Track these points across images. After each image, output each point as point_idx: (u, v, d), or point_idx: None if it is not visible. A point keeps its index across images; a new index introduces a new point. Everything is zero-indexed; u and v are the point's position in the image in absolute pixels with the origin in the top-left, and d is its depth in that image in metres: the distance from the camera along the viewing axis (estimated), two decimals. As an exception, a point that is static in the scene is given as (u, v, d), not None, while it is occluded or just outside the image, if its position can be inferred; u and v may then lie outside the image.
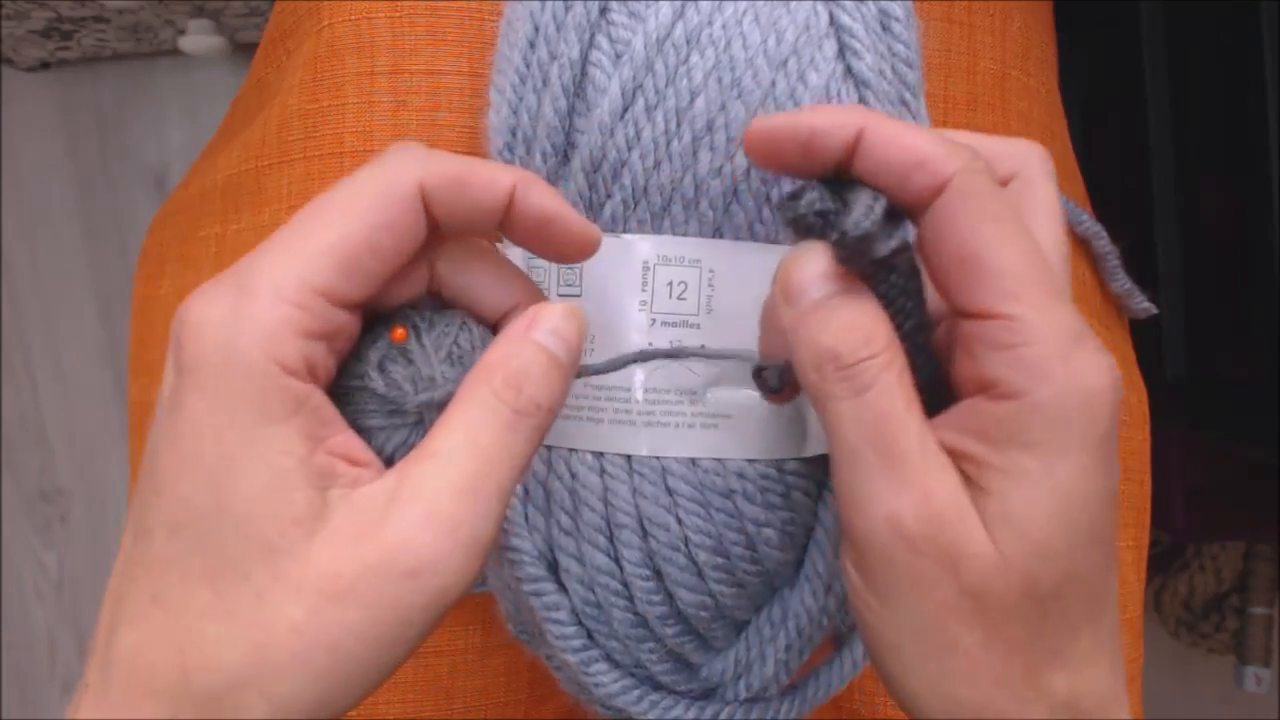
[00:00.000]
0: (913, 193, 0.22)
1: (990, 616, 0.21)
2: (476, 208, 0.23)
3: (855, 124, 0.22)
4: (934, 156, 0.21)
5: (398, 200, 0.22)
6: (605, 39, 0.29)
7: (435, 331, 0.24)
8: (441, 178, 0.22)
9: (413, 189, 0.22)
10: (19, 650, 1.09)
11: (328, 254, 0.21)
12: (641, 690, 0.31)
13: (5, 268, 1.05)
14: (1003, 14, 0.39)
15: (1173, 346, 0.62)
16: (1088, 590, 0.22)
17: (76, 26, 0.90)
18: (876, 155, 0.22)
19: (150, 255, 0.46)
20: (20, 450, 1.07)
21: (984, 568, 0.21)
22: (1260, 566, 0.95)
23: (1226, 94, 0.59)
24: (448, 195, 0.23)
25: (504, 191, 0.23)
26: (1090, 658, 0.22)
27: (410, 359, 0.24)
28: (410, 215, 0.22)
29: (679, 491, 0.29)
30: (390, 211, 0.22)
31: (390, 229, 0.22)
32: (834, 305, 0.22)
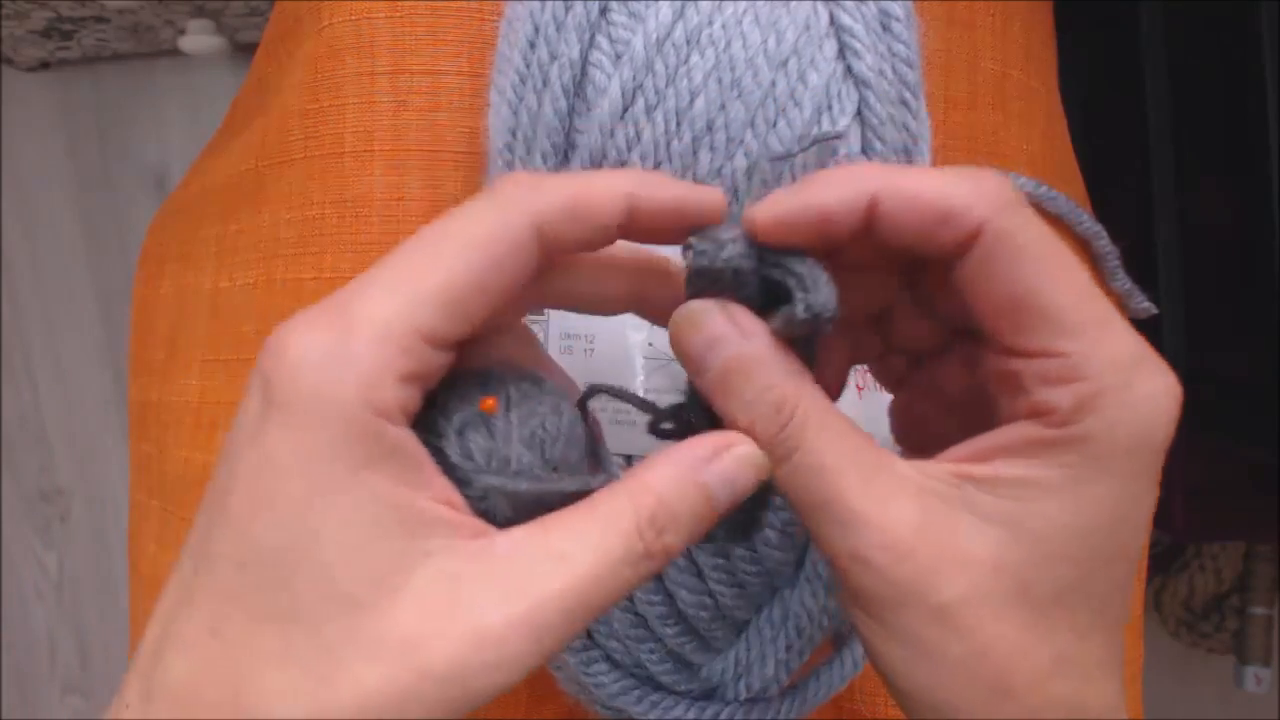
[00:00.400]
0: (945, 248, 0.21)
1: (978, 625, 0.21)
2: (593, 230, 0.22)
3: (866, 193, 0.21)
4: (959, 208, 0.21)
5: (511, 240, 0.21)
6: (605, 39, 0.29)
7: (523, 409, 0.22)
8: (557, 211, 0.21)
9: (527, 229, 0.21)
10: (19, 650, 1.09)
11: (436, 296, 0.20)
12: (641, 690, 0.31)
13: (5, 268, 1.05)
14: (1003, 14, 0.39)
15: (1173, 346, 0.62)
16: (1098, 604, 0.21)
17: (76, 26, 0.90)
18: (896, 219, 0.21)
19: (150, 255, 0.46)
20: (20, 450, 1.07)
21: (964, 580, 0.21)
22: (1260, 566, 0.95)
23: (1226, 94, 0.59)
24: (566, 226, 0.21)
25: (621, 204, 0.22)
26: (1098, 666, 0.22)
27: (492, 433, 0.22)
28: (522, 254, 0.21)
29: (679, 491, 0.29)
30: (501, 252, 0.21)
31: (500, 269, 0.21)
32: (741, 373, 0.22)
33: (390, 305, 0.20)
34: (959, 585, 0.21)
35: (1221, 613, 0.98)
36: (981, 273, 0.21)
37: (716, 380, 0.22)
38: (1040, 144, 0.41)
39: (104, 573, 1.09)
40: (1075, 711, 0.21)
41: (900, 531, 0.21)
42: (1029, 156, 0.40)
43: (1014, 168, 0.40)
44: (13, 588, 1.08)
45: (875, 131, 0.29)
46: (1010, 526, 0.21)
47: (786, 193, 0.22)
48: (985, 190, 0.21)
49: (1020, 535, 0.21)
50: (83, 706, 1.09)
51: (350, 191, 0.36)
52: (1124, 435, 0.20)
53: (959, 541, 0.21)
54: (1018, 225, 0.21)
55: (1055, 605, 0.21)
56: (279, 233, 0.38)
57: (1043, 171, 0.41)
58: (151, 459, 0.43)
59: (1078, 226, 0.41)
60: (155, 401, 0.43)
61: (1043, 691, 0.21)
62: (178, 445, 0.41)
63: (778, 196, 0.22)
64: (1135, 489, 0.21)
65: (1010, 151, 0.40)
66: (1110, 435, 0.20)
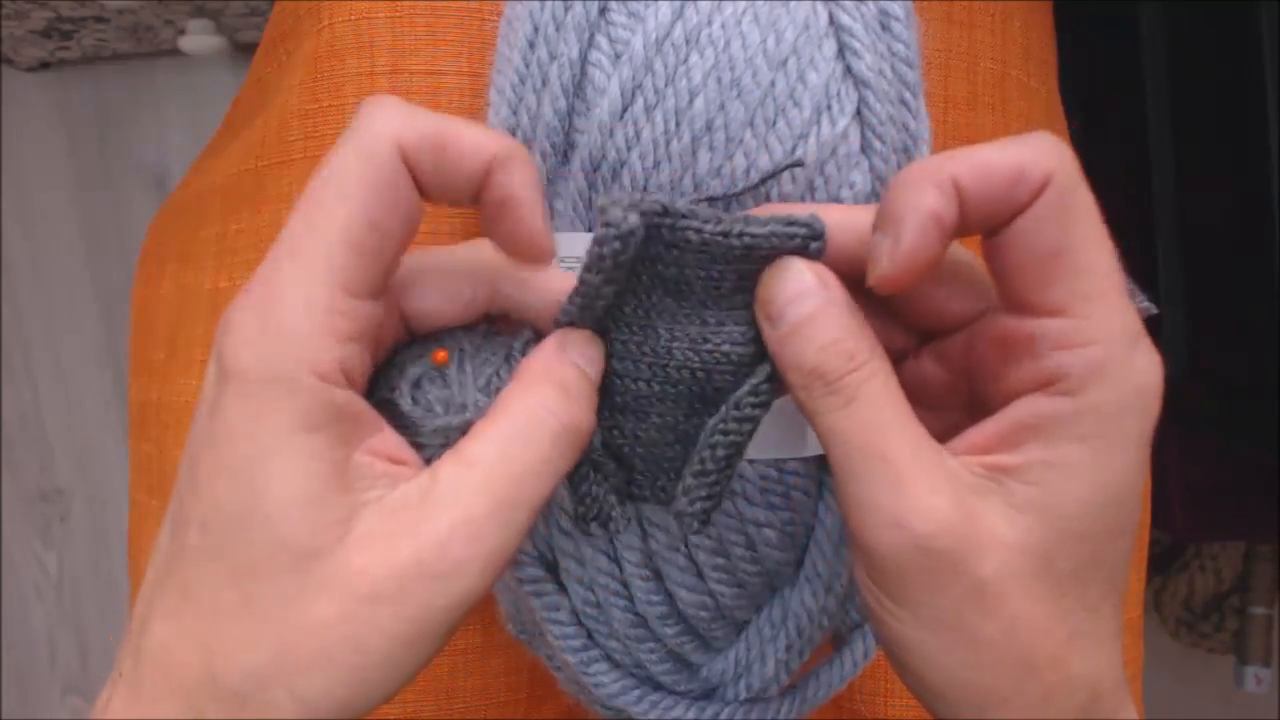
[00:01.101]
0: (1018, 205, 0.21)
1: (1009, 605, 0.21)
2: (457, 173, 0.22)
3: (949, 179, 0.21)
4: (1028, 162, 0.21)
5: (379, 170, 0.21)
6: (605, 39, 0.29)
7: (479, 359, 0.24)
8: (419, 137, 0.22)
9: (390, 155, 0.21)
10: (19, 650, 1.09)
11: (338, 247, 0.21)
12: (641, 690, 0.31)
13: (5, 268, 1.05)
14: (1003, 14, 0.39)
15: (1173, 346, 0.62)
16: (1108, 575, 0.22)
17: (76, 26, 0.90)
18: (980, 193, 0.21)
19: (150, 255, 0.46)
20: (20, 450, 1.07)
21: (1000, 557, 0.21)
22: (1260, 566, 0.95)
23: (1226, 94, 0.59)
24: (428, 157, 0.22)
25: (485, 160, 0.22)
26: (1107, 639, 0.22)
27: (447, 383, 0.23)
28: (396, 178, 0.22)
29: (679, 491, 0.29)
30: (377, 185, 0.21)
31: (380, 199, 0.21)
32: (814, 322, 0.23)
33: (308, 270, 0.21)
34: (991, 566, 0.21)
35: (1221, 613, 0.98)
36: (1033, 226, 0.21)
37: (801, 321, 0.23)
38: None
39: (104, 573, 1.09)
40: (1090, 685, 0.22)
41: (946, 507, 0.21)
42: (1029, 156, 0.40)
43: (1014, 168, 0.40)
44: (13, 588, 1.08)
45: (875, 131, 0.29)
46: (1040, 511, 0.21)
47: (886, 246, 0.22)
48: (1044, 147, 0.21)
49: (1047, 517, 0.21)
50: (83, 706, 1.09)
51: (350, 191, 0.36)
52: (1128, 404, 0.21)
53: (992, 527, 0.21)
54: (1075, 184, 0.21)
55: (1073, 581, 0.21)
56: (279, 233, 0.38)
57: (1043, 171, 0.40)
58: (151, 459, 0.43)
59: (1078, 226, 0.41)
60: (155, 401, 0.43)
61: (1061, 668, 0.21)
62: (178, 445, 0.41)
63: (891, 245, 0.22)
64: (1139, 457, 0.22)
65: (1010, 151, 0.40)
66: (1117, 404, 0.21)
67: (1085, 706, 0.22)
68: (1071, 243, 0.21)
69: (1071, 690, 0.22)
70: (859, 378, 0.22)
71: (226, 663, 0.20)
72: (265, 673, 0.20)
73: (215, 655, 0.20)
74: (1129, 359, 0.21)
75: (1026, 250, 0.21)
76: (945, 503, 0.21)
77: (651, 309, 0.24)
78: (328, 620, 0.20)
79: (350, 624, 0.20)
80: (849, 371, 0.22)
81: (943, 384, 0.26)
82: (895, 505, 0.21)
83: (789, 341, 0.23)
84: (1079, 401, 0.21)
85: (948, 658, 0.21)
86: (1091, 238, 0.21)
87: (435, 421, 0.23)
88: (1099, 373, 0.21)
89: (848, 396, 0.22)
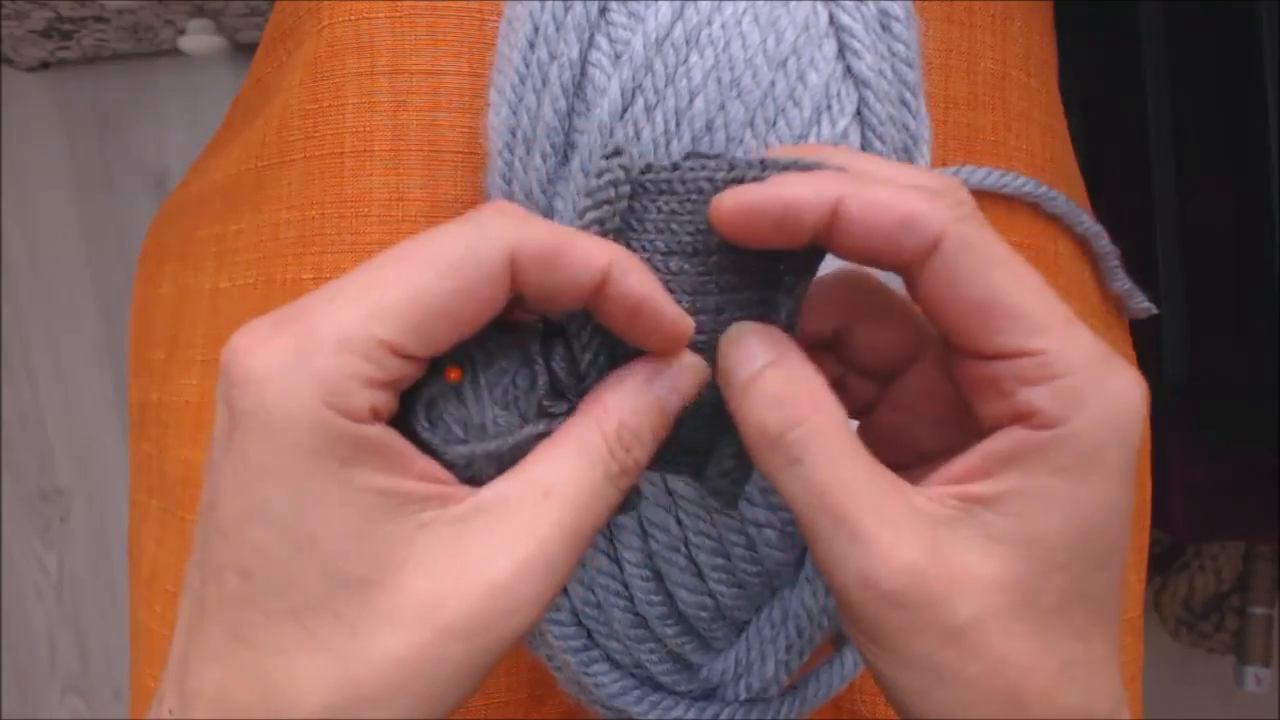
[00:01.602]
0: (905, 254, 0.21)
1: (991, 642, 0.21)
2: (567, 285, 0.22)
3: (831, 195, 0.21)
4: (919, 214, 0.21)
5: (483, 268, 0.21)
6: (605, 39, 0.29)
7: (493, 369, 0.23)
8: (535, 252, 0.21)
9: (501, 260, 0.21)
10: (19, 650, 1.09)
11: (400, 311, 0.20)
12: (641, 690, 0.31)
13: (5, 268, 1.05)
14: (1003, 14, 0.39)
15: (1173, 346, 0.62)
16: (1094, 605, 0.22)
17: (76, 26, 0.90)
18: (857, 224, 0.21)
19: (150, 255, 0.46)
20: (20, 450, 1.07)
21: (978, 598, 0.21)
22: (1260, 566, 0.95)
23: (1226, 94, 0.59)
24: (538, 270, 0.21)
25: (599, 272, 0.22)
26: (1101, 665, 0.22)
27: (463, 401, 0.22)
28: (493, 285, 0.21)
29: (679, 493, 0.29)
30: (472, 278, 0.21)
31: (470, 296, 0.21)
32: (762, 379, 0.22)
33: (352, 315, 0.20)
34: (970, 606, 0.21)
35: (1221, 613, 0.98)
36: (946, 278, 0.21)
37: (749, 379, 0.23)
38: (1040, 144, 0.41)
39: (104, 573, 1.09)
40: (1085, 713, 0.21)
41: (912, 556, 0.21)
42: (1029, 156, 0.40)
43: (1014, 168, 0.40)
44: (13, 588, 1.09)
45: (875, 131, 0.29)
46: (1017, 543, 0.21)
47: (753, 186, 0.22)
48: (943, 200, 0.21)
49: (1026, 550, 0.21)
50: (83, 706, 1.10)
51: (350, 191, 0.36)
52: (1107, 432, 0.21)
53: (968, 563, 0.21)
54: (977, 232, 0.21)
55: (1057, 613, 0.21)
56: (279, 233, 0.38)
57: (1043, 171, 0.41)
58: (151, 459, 0.43)
59: (1078, 226, 0.41)
60: (155, 401, 0.43)
61: (1052, 701, 0.21)
62: (178, 445, 0.41)
63: (744, 188, 0.22)
64: (1121, 485, 0.21)
65: (1010, 151, 0.40)
66: (1095, 433, 0.21)
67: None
68: (995, 290, 0.21)
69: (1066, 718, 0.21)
70: (803, 434, 0.21)
71: (290, 700, 0.19)
72: (331, 708, 0.19)
73: (281, 694, 0.20)
74: (1103, 384, 0.21)
75: (954, 303, 0.21)
76: (913, 552, 0.21)
77: (672, 279, 0.24)
78: (398, 653, 0.20)
79: (423, 656, 0.20)
80: (791, 428, 0.22)
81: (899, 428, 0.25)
82: (860, 564, 0.21)
83: (739, 405, 0.23)
84: (1055, 434, 0.21)
85: (930, 698, 0.21)
86: (1013, 279, 0.21)
87: (457, 449, 0.22)
88: (1075, 403, 0.21)
89: (794, 455, 0.21)
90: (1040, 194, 0.39)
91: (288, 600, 0.20)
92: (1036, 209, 0.40)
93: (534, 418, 0.23)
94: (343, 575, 0.20)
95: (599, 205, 0.23)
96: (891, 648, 0.21)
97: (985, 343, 0.21)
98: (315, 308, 0.20)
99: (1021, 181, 0.39)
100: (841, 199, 0.21)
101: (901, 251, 0.21)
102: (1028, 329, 0.21)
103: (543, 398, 0.23)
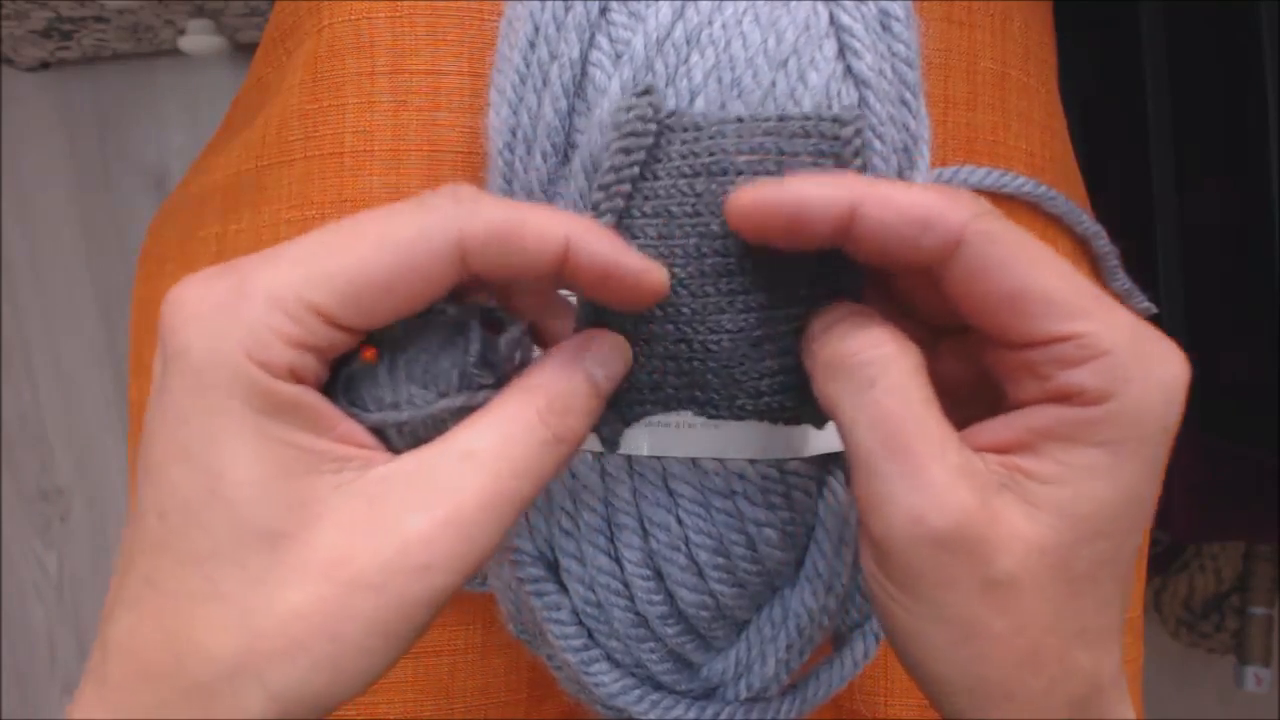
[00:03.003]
0: (927, 253, 0.21)
1: (1022, 602, 0.21)
2: (525, 264, 0.22)
3: (846, 199, 0.22)
4: (939, 212, 0.21)
5: (430, 251, 0.21)
6: (605, 39, 0.29)
7: (414, 347, 0.23)
8: (487, 235, 0.21)
9: (449, 245, 0.21)
10: (19, 650, 1.09)
11: (338, 280, 0.20)
12: (642, 690, 0.31)
13: (5, 268, 1.05)
14: (1003, 14, 0.39)
15: (1173, 346, 0.62)
16: (1122, 572, 0.22)
17: (76, 26, 0.90)
18: (877, 224, 0.21)
19: (150, 255, 0.46)
20: (20, 450, 1.07)
21: (1015, 556, 0.21)
22: (1260, 566, 0.95)
23: (1226, 94, 0.59)
24: (493, 252, 0.21)
25: (557, 246, 0.22)
26: (1111, 634, 0.22)
27: (377, 381, 0.23)
28: (439, 267, 0.21)
29: (680, 492, 0.29)
30: (416, 259, 0.21)
31: (412, 275, 0.21)
32: (842, 321, 0.23)
33: (287, 276, 0.20)
34: (1011, 560, 0.21)
35: (1221, 613, 0.98)
36: (974, 274, 0.21)
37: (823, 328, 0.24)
38: (1040, 144, 0.41)
39: (104, 573, 1.09)
40: (1092, 678, 0.22)
41: (965, 499, 0.21)
42: (1029, 156, 0.40)
43: (1014, 168, 0.40)
44: (13, 588, 1.08)
45: (875, 131, 0.29)
46: (1060, 512, 0.21)
47: (768, 183, 0.22)
48: (961, 199, 0.22)
49: (1068, 519, 0.21)
50: (83, 706, 1.09)
51: (350, 191, 0.36)
52: (1153, 404, 0.21)
53: (1012, 523, 0.21)
54: (999, 227, 0.21)
55: (1087, 580, 0.21)
56: (279, 233, 0.38)
57: (1043, 171, 0.41)
58: (151, 459, 0.43)
59: (1078, 226, 0.41)
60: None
61: (1065, 662, 0.21)
62: (178, 445, 0.41)
63: (758, 186, 0.22)
64: (1159, 455, 0.22)
65: (1010, 151, 0.40)
66: (1141, 406, 0.21)
67: (1086, 698, 0.22)
68: (1025, 280, 0.21)
69: (1074, 683, 0.22)
70: (881, 358, 0.22)
71: (193, 650, 0.19)
72: (234, 662, 0.19)
73: (181, 643, 0.19)
74: (1147, 359, 0.21)
75: (984, 296, 0.22)
76: (965, 497, 0.21)
77: (698, 200, 0.24)
78: (300, 607, 0.19)
79: (326, 612, 0.19)
80: (870, 350, 0.22)
81: (962, 381, 0.25)
82: (913, 499, 0.21)
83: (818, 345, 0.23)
84: (1102, 410, 0.21)
85: (954, 651, 0.21)
86: (1041, 266, 0.21)
87: (369, 417, 0.22)
88: (1122, 379, 0.21)
89: (867, 378, 0.22)
90: (1040, 194, 0.39)
91: (197, 545, 0.20)
92: (1036, 209, 0.40)
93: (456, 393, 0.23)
94: (251, 525, 0.20)
95: (625, 137, 0.24)
96: (924, 596, 0.21)
97: (1021, 331, 0.21)
98: (255, 263, 0.21)
99: (1021, 181, 0.39)
100: (860, 200, 0.21)
101: (921, 251, 0.21)
102: (1064, 314, 0.21)
103: (471, 366, 0.23)
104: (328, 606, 0.19)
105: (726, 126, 0.24)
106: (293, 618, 0.19)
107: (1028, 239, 0.22)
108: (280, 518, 0.20)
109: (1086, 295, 0.21)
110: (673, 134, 0.25)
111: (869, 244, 0.22)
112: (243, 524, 0.20)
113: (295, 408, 0.21)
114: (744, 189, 0.23)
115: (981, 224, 0.21)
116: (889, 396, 0.21)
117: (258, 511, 0.20)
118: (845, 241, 0.22)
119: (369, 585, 0.20)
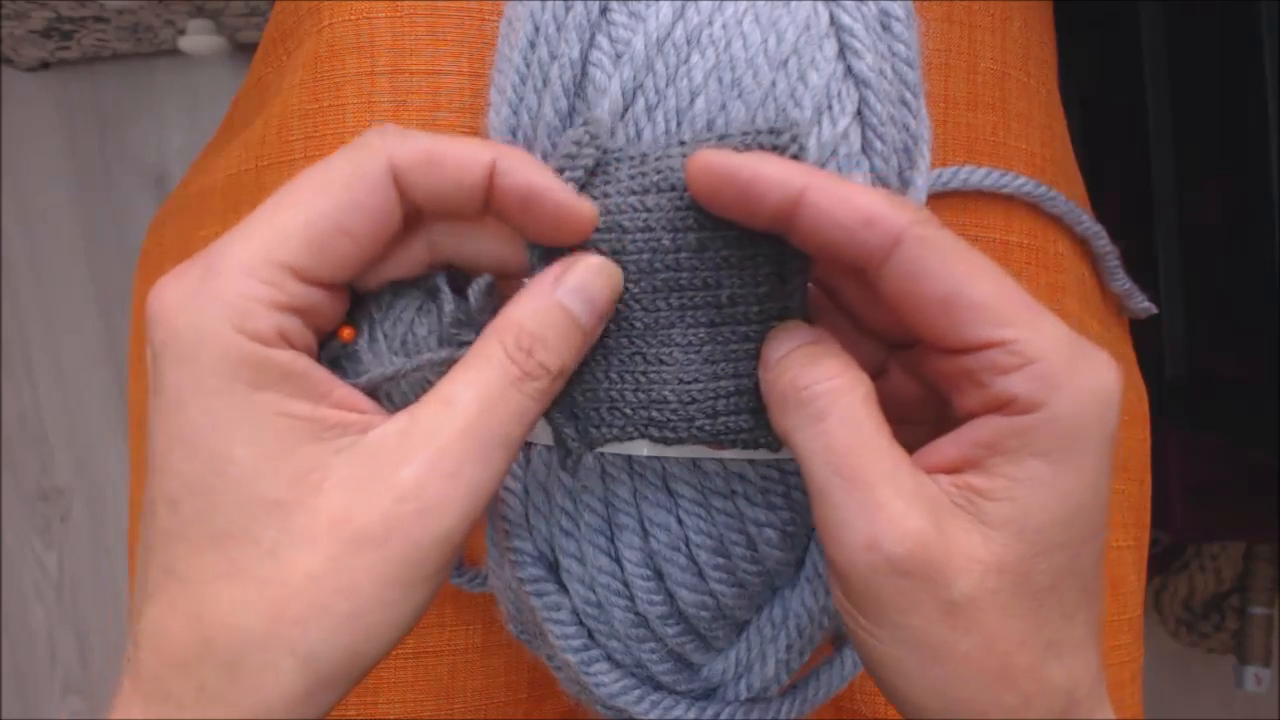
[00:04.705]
0: (866, 250, 0.22)
1: (985, 621, 0.21)
2: (453, 187, 0.23)
3: (797, 183, 0.22)
4: (882, 214, 0.22)
5: (367, 180, 0.22)
6: (605, 39, 0.29)
7: (390, 320, 0.24)
8: (413, 157, 0.22)
9: (382, 170, 0.22)
10: (19, 650, 1.09)
11: (297, 233, 0.21)
12: (642, 690, 0.31)
13: (5, 268, 1.05)
14: (1003, 14, 0.39)
15: (1173, 346, 0.62)
16: (1082, 582, 0.22)
17: (76, 26, 0.90)
18: (823, 214, 0.22)
19: (150, 255, 0.46)
20: (20, 450, 1.07)
21: (972, 577, 0.21)
22: (1260, 566, 0.95)
23: (1226, 94, 0.59)
24: (421, 175, 0.22)
25: (482, 169, 0.22)
26: (1083, 644, 0.22)
27: (360, 357, 0.24)
28: (380, 195, 0.22)
29: (680, 493, 0.29)
30: (359, 192, 0.22)
31: (360, 209, 0.22)
32: (798, 350, 0.23)
33: (253, 243, 0.21)
34: (968, 582, 0.21)
35: (1221, 613, 0.98)
36: (909, 276, 0.22)
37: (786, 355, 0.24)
38: (1040, 144, 0.41)
39: (104, 573, 1.09)
40: (1067, 691, 0.22)
41: (919, 525, 0.21)
42: (1029, 156, 0.40)
43: (1014, 168, 0.40)
44: (13, 588, 1.08)
45: (875, 131, 0.29)
46: (1011, 528, 0.21)
47: (729, 152, 0.23)
48: (906, 206, 0.22)
49: (1020, 534, 0.21)
50: (83, 706, 1.09)
51: (350, 191, 0.36)
52: (1085, 411, 0.21)
53: (968, 545, 0.21)
54: (936, 234, 0.22)
55: (1050, 592, 0.21)
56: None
57: (1043, 171, 0.41)
58: (151, 459, 0.43)
59: (1078, 226, 0.41)
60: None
61: (1038, 676, 0.21)
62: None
63: (719, 152, 0.23)
64: (1104, 463, 0.22)
65: (1010, 151, 0.40)
66: (1074, 414, 0.21)
67: (1063, 709, 0.22)
68: (958, 285, 0.21)
69: (1048, 697, 0.22)
70: (831, 389, 0.22)
71: (219, 629, 0.20)
72: (262, 634, 0.20)
73: (208, 625, 0.20)
74: (1075, 366, 0.21)
75: (917, 300, 0.22)
76: (919, 523, 0.21)
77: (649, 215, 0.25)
78: (315, 570, 0.20)
79: (338, 570, 0.20)
80: (820, 383, 0.22)
81: (913, 397, 0.26)
82: (868, 527, 0.21)
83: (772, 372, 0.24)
84: (1035, 419, 0.21)
85: (924, 674, 0.22)
86: (975, 273, 0.21)
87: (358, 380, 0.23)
88: (1051, 387, 0.21)
89: (819, 410, 0.22)
90: (1040, 194, 0.39)
91: (210, 527, 0.20)
92: (1036, 209, 0.40)
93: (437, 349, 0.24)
94: (259, 499, 0.20)
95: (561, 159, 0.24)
96: (889, 621, 0.21)
97: (953, 337, 0.22)
98: (218, 246, 0.21)
99: (1021, 181, 0.39)
100: (809, 187, 0.22)
101: (862, 246, 0.22)
102: (994, 320, 0.21)
103: (449, 327, 0.24)
104: (338, 565, 0.20)
105: (672, 149, 0.25)
106: (308, 582, 0.20)
107: (965, 247, 0.22)
108: (285, 489, 0.20)
109: (1018, 303, 0.21)
110: (620, 162, 0.25)
111: (812, 232, 0.22)
112: (251, 500, 0.20)
113: (288, 375, 0.21)
114: (708, 149, 0.23)
115: (920, 229, 0.21)
116: (841, 427, 0.22)
117: (263, 486, 0.20)
118: (790, 226, 0.22)
119: (372, 539, 0.20)
